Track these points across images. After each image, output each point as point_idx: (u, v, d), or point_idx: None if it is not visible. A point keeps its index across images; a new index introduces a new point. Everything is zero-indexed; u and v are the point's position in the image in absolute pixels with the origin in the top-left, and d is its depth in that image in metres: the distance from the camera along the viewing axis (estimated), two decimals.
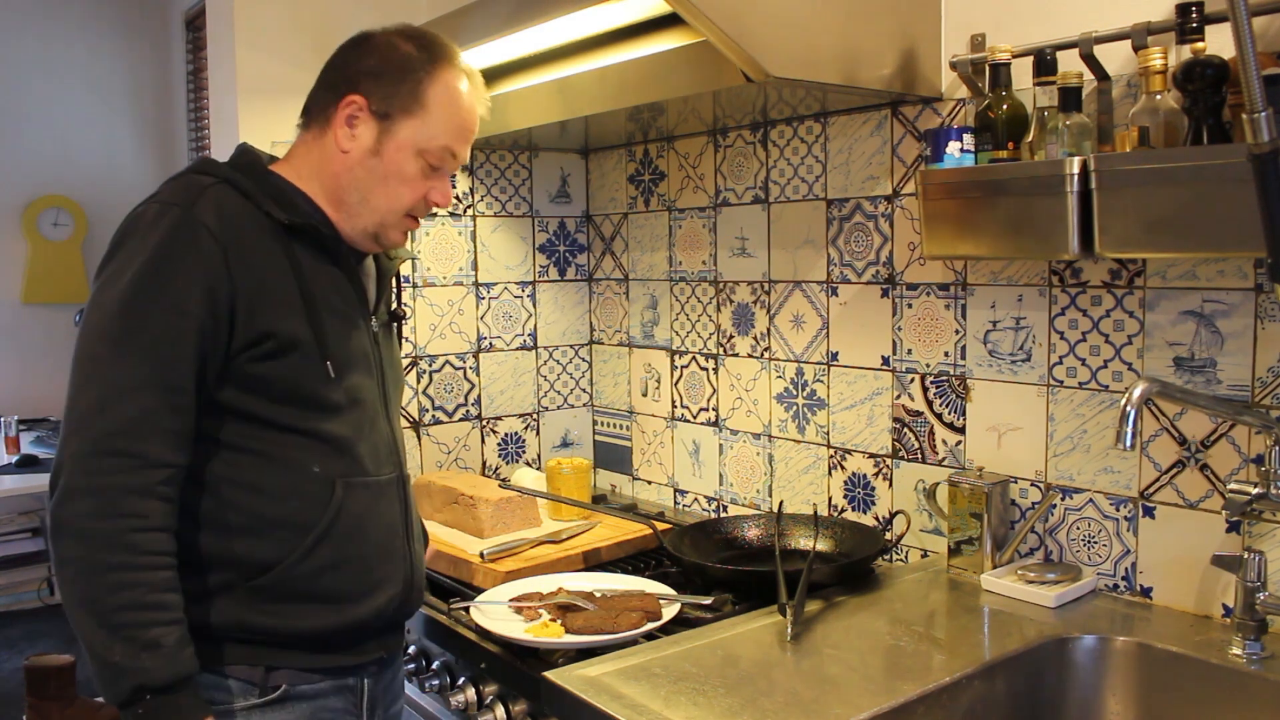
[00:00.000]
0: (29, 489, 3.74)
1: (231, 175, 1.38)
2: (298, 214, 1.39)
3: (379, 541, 1.43)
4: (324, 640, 1.39)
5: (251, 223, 1.35)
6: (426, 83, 1.41)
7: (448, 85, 1.43)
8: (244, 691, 1.36)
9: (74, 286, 4.96)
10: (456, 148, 1.44)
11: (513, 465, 2.59)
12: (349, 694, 1.45)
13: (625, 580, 1.74)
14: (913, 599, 1.64)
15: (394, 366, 1.56)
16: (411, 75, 1.41)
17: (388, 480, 1.47)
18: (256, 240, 1.34)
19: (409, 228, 1.48)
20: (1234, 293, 1.46)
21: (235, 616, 1.34)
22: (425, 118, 1.41)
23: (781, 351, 2.16)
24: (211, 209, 1.32)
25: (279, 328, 1.33)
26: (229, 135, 2.23)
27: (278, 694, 1.37)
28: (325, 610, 1.38)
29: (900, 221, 1.90)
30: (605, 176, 2.60)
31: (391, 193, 1.42)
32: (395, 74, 1.41)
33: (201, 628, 1.33)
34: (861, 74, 1.68)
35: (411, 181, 1.43)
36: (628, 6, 1.72)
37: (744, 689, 1.28)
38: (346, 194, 1.43)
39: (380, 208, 1.43)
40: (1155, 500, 1.57)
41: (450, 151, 1.44)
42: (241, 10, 2.18)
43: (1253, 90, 1.14)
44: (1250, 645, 1.36)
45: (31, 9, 4.91)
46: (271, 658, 1.37)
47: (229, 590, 1.34)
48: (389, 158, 1.41)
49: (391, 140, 1.41)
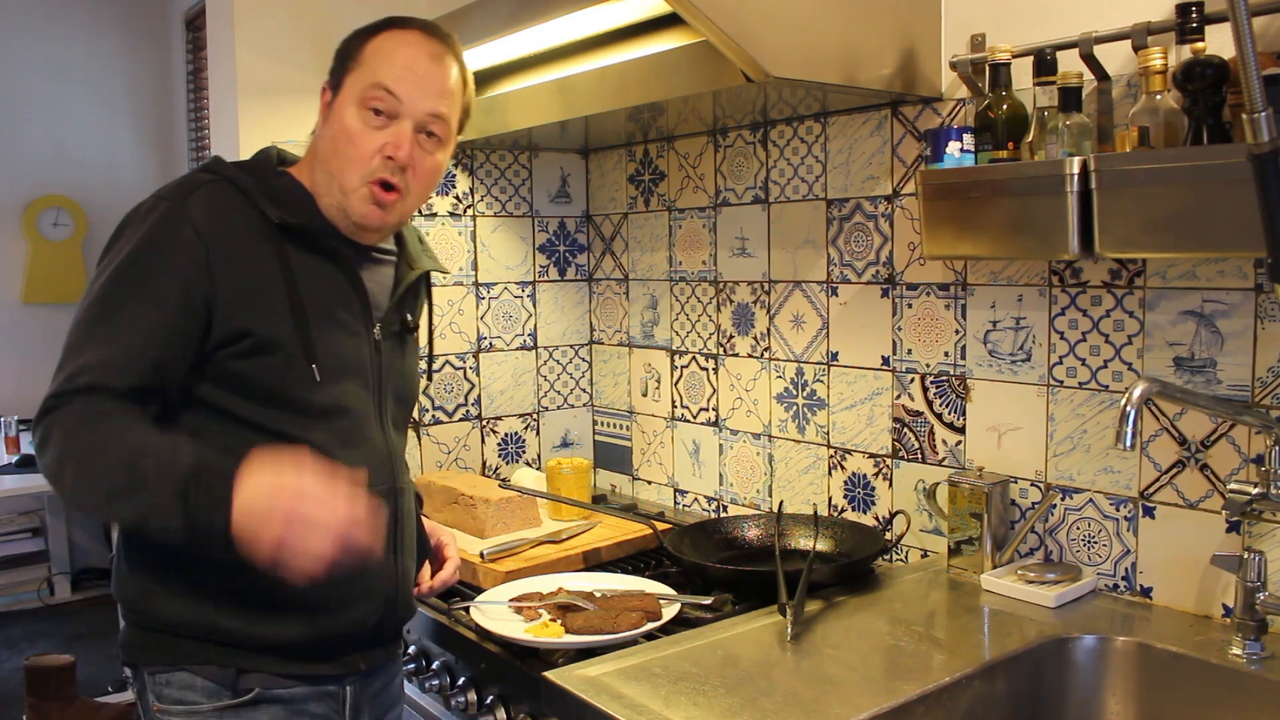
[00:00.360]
0: (29, 489, 3.75)
1: (234, 174, 1.38)
2: (292, 213, 1.38)
3: None
4: (296, 649, 1.37)
5: (244, 221, 1.35)
6: (369, 40, 1.41)
7: (389, 36, 1.41)
8: (215, 692, 1.34)
9: (74, 286, 4.97)
10: (391, 84, 1.37)
11: (513, 465, 2.59)
12: (330, 700, 1.42)
13: (625, 580, 1.74)
14: (913, 599, 1.64)
15: (402, 377, 1.52)
16: (358, 40, 1.42)
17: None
18: (246, 239, 1.34)
19: (377, 198, 1.39)
20: (1234, 293, 1.46)
21: (206, 618, 1.33)
22: (363, 69, 1.39)
23: (781, 351, 2.16)
24: (202, 205, 1.32)
25: (258, 327, 1.32)
26: (229, 135, 2.23)
27: (250, 696, 1.35)
28: (296, 619, 1.35)
29: (900, 221, 1.90)
30: (605, 176, 2.60)
31: (341, 154, 1.38)
32: (347, 44, 1.44)
33: (173, 625, 1.33)
34: (861, 74, 1.68)
35: (356, 136, 1.37)
36: (628, 6, 1.72)
37: (744, 689, 1.28)
38: (316, 173, 1.42)
39: (337, 174, 1.38)
40: (1155, 500, 1.57)
41: (383, 88, 1.36)
42: (241, 10, 2.18)
43: (1253, 90, 1.14)
44: (1250, 645, 1.36)
45: (32, 9, 4.91)
46: (243, 660, 1.35)
47: (201, 591, 1.33)
48: (334, 118, 1.40)
49: (336, 102, 1.41)
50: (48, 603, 4.87)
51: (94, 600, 4.87)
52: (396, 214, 1.43)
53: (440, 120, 1.42)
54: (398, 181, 1.39)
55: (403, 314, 1.53)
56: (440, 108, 1.41)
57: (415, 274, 1.53)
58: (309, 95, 2.30)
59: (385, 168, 1.38)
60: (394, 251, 1.54)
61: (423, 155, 1.41)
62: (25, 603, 4.84)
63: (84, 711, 3.25)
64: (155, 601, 1.35)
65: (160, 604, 1.34)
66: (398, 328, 1.52)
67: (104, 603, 4.70)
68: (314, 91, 1.49)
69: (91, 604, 4.84)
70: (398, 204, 1.41)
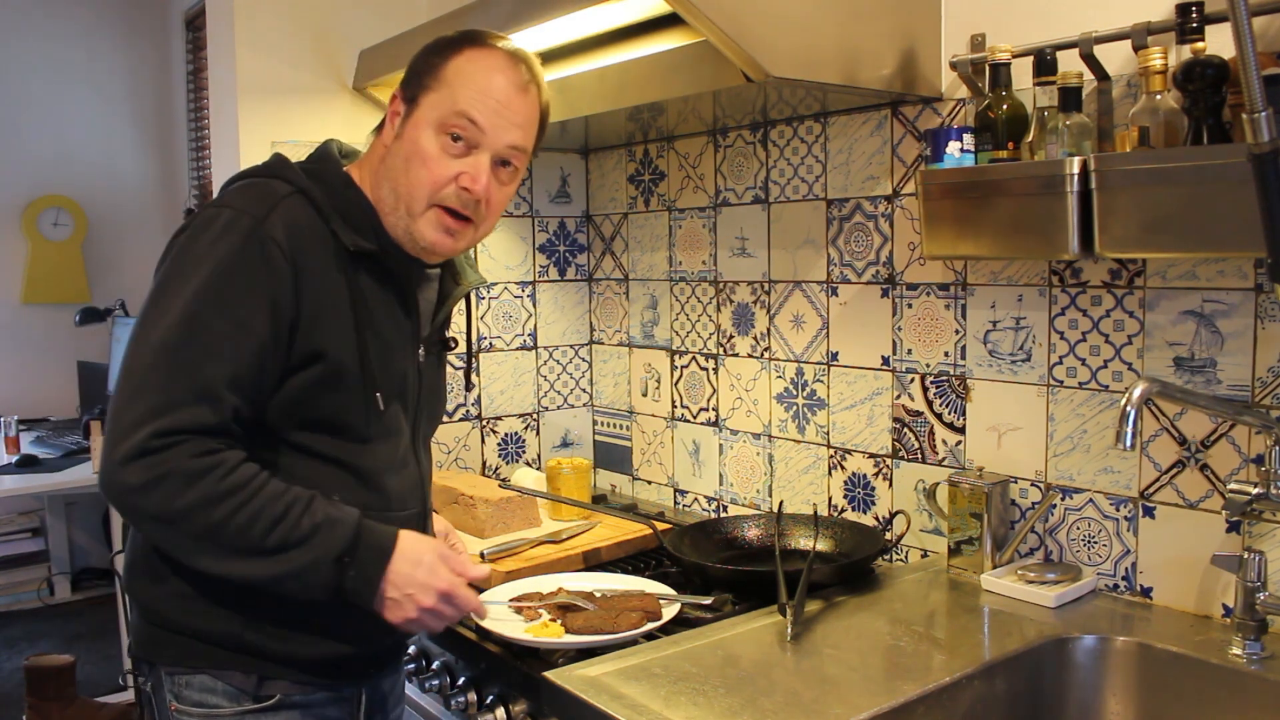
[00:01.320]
0: (29, 489, 3.74)
1: (307, 185, 1.34)
2: (364, 236, 1.35)
3: None
4: (319, 666, 1.38)
5: (319, 242, 1.31)
6: (451, 58, 1.35)
7: (471, 57, 1.35)
8: (237, 696, 1.34)
9: (74, 286, 4.97)
10: (475, 114, 1.32)
11: (513, 465, 2.59)
12: (346, 704, 1.44)
13: (625, 580, 1.74)
14: (913, 599, 1.64)
15: (435, 397, 1.51)
16: (438, 55, 1.36)
17: (409, 515, 1.43)
18: (322, 261, 1.30)
19: (445, 224, 1.35)
20: (1234, 293, 1.46)
21: (233, 631, 1.33)
22: (443, 90, 1.33)
23: (781, 351, 2.16)
24: (282, 223, 1.27)
25: (330, 353, 1.29)
26: (229, 135, 2.23)
27: (271, 702, 1.35)
28: (327, 642, 1.37)
29: (900, 221, 1.90)
30: (605, 176, 2.60)
31: (413, 175, 1.33)
32: (425, 57, 1.38)
33: (199, 632, 1.33)
34: (861, 74, 1.68)
35: (431, 161, 1.32)
36: (628, 6, 1.72)
37: (744, 689, 1.28)
38: (382, 189, 1.37)
39: (405, 195, 1.34)
40: (1155, 500, 1.57)
41: (466, 117, 1.31)
42: (241, 10, 2.18)
43: (1253, 90, 1.14)
44: (1250, 645, 1.36)
45: (32, 9, 4.91)
46: (266, 669, 1.35)
47: (230, 608, 1.32)
48: (408, 137, 1.34)
49: (412, 119, 1.35)
50: (48, 603, 4.87)
51: (94, 600, 4.87)
52: (465, 242, 1.40)
53: (520, 153, 1.38)
54: (470, 213, 1.36)
55: (443, 331, 1.51)
56: (522, 141, 1.37)
57: (462, 290, 1.50)
58: (309, 95, 2.32)
59: (458, 198, 1.34)
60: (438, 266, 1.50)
61: (498, 187, 1.38)
62: (25, 603, 4.84)
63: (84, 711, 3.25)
64: (179, 610, 1.33)
65: (183, 613, 1.33)
66: (437, 346, 1.50)
67: (104, 603, 4.71)
68: (314, 91, 1.49)
69: (91, 604, 4.84)
70: (467, 233, 1.38)
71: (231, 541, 1.21)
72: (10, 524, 4.84)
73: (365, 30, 2.29)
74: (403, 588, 1.28)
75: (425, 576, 1.29)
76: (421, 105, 1.35)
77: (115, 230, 5.13)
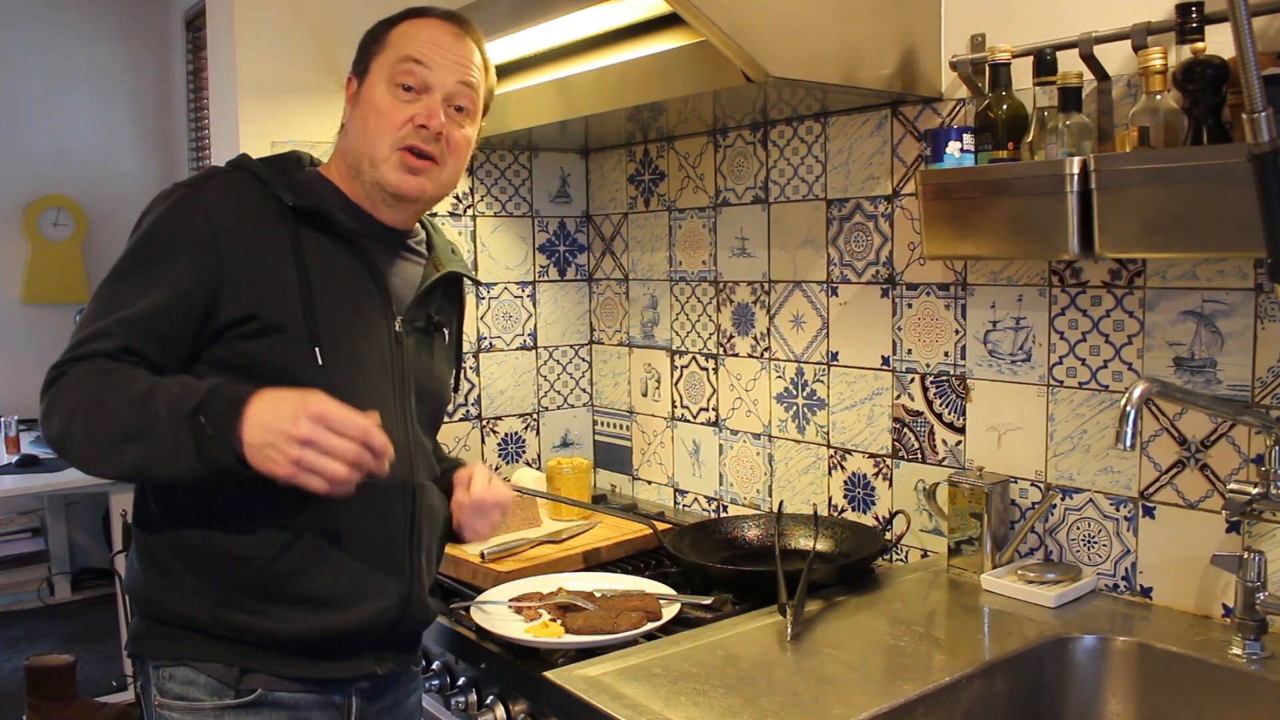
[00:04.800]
0: (29, 489, 3.74)
1: (255, 166, 1.41)
2: (308, 198, 1.39)
3: (370, 547, 1.38)
4: (302, 646, 1.35)
5: (259, 207, 1.36)
6: (392, 28, 1.45)
7: (412, 22, 1.44)
8: (217, 690, 1.33)
9: (74, 286, 4.97)
10: (419, 54, 1.40)
11: (513, 465, 2.59)
12: (334, 710, 1.40)
13: (625, 580, 1.74)
14: (913, 599, 1.64)
15: (429, 376, 1.51)
16: (381, 28, 1.46)
17: (386, 484, 1.38)
18: (258, 223, 1.35)
19: (408, 164, 1.40)
20: (1234, 293, 1.46)
21: (212, 611, 1.32)
22: (388, 50, 1.42)
23: (781, 351, 2.16)
24: (217, 192, 1.35)
25: (266, 310, 1.32)
26: (229, 135, 2.23)
27: (253, 697, 1.34)
28: (303, 614, 1.34)
29: (900, 221, 1.90)
30: (605, 176, 2.60)
31: (371, 128, 1.40)
32: (370, 33, 1.47)
33: (179, 618, 1.33)
34: (861, 74, 1.68)
35: (386, 110, 1.39)
36: (628, 6, 1.72)
37: (744, 689, 1.28)
38: (349, 157, 1.44)
39: (368, 151, 1.40)
40: (1155, 500, 1.57)
41: (412, 59, 1.40)
42: (241, 10, 2.18)
43: (1253, 90, 1.14)
44: (1250, 645, 1.36)
45: (32, 9, 4.91)
46: (247, 659, 1.33)
47: (210, 583, 1.32)
48: (363, 99, 1.42)
49: (364, 84, 1.44)
50: (48, 603, 4.87)
51: (94, 600, 4.87)
52: (435, 183, 1.43)
53: (469, 90, 1.44)
54: (432, 150, 1.40)
55: (428, 312, 1.51)
56: (468, 77, 1.44)
57: (438, 274, 1.52)
58: (309, 95, 2.32)
59: (417, 135, 1.39)
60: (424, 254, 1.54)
61: (454, 127, 1.43)
62: (25, 603, 4.84)
63: (84, 711, 3.25)
64: (161, 592, 1.34)
65: (166, 595, 1.34)
66: (423, 324, 1.50)
67: (104, 603, 4.70)
68: (314, 91, 1.49)
69: (91, 604, 4.84)
70: (434, 172, 1.42)
71: (111, 431, 1.22)
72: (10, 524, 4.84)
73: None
74: (262, 435, 1.18)
75: (284, 424, 1.18)
76: (371, 70, 1.43)
77: (115, 230, 5.12)
